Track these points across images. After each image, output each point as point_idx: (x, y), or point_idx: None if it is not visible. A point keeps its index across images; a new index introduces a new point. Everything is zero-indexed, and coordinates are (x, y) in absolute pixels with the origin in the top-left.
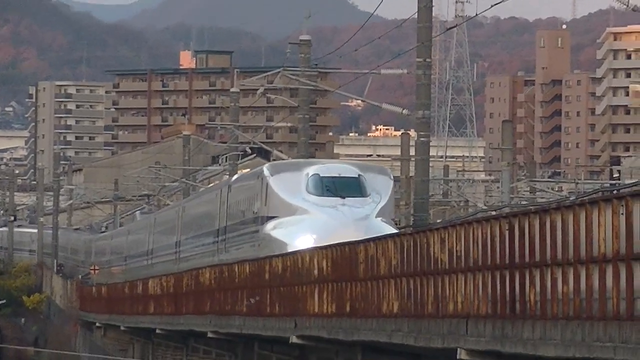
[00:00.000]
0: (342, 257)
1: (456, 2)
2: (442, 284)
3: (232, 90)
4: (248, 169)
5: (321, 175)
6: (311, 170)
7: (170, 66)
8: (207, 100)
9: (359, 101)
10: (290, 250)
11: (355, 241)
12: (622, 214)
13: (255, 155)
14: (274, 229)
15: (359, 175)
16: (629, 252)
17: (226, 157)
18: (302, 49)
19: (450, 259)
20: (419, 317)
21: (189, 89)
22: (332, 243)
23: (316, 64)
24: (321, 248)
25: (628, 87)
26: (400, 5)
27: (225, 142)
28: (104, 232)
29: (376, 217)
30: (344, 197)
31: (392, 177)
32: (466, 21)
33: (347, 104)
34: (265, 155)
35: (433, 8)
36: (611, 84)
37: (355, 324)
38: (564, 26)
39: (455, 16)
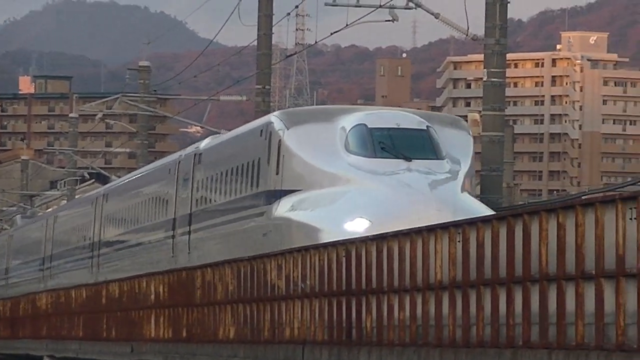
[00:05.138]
0: (178, 283)
1: (296, 30)
2: (279, 310)
3: (71, 115)
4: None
5: (369, 126)
6: (351, 119)
7: (9, 91)
8: (46, 125)
9: (198, 127)
10: (327, 240)
11: (192, 267)
12: (459, 241)
13: (93, 180)
14: (296, 210)
15: (427, 127)
16: (466, 279)
17: (64, 182)
18: (141, 75)
19: (287, 285)
20: (255, 343)
21: (28, 113)
22: (388, 231)
23: (155, 90)
24: (157, 273)
25: (467, 115)
26: (241, 33)
27: (63, 167)
28: None
29: (461, 189)
30: (409, 160)
31: (470, 133)
32: (306, 49)
33: (186, 130)
34: (104, 180)
35: (273, 36)
36: (451, 112)
37: (192, 349)
38: (404, 55)
39: (296, 44)
